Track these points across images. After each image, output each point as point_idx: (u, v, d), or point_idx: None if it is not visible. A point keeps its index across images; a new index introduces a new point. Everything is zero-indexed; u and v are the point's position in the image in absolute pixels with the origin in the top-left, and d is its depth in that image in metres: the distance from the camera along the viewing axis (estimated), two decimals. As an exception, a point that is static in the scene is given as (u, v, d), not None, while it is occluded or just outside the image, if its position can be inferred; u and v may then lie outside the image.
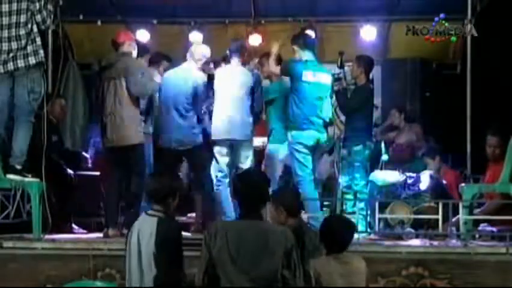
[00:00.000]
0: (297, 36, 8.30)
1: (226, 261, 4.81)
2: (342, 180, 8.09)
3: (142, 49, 8.29)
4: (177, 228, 5.32)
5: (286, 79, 8.15)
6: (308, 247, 5.34)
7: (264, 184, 5.08)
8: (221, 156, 7.84)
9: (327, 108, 8.07)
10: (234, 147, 7.85)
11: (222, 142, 7.83)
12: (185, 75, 7.86)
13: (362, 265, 5.18)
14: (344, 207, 8.03)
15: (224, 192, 7.79)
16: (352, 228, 5.35)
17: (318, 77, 7.92)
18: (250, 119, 7.90)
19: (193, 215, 8.13)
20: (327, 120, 8.05)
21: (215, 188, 7.83)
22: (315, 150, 7.97)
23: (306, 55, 7.97)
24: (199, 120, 7.86)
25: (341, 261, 5.10)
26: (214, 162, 7.91)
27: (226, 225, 5.06)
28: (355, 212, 7.74)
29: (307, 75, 7.86)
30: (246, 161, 7.85)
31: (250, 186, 4.99)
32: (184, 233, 5.61)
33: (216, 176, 7.87)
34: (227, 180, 7.80)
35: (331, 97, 8.14)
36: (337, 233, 5.17)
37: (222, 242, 4.82)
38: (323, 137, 7.96)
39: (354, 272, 5.10)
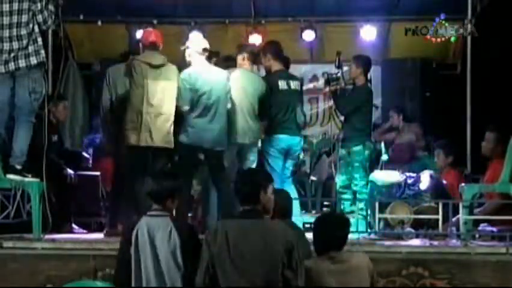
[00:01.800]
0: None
1: (226, 260, 4.80)
2: (339, 180, 8.10)
3: None
4: (193, 227, 5.32)
5: None
6: None
7: (264, 182, 5.08)
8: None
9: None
10: (241, 151, 7.83)
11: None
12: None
13: (363, 261, 5.15)
14: (342, 207, 8.03)
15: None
16: (345, 224, 5.28)
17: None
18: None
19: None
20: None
21: None
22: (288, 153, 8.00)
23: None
24: None
25: (335, 260, 5.08)
26: None
27: (227, 224, 5.04)
28: (353, 211, 7.75)
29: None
30: (252, 165, 7.83)
31: (251, 185, 4.99)
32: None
33: None
34: None
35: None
36: (329, 231, 5.15)
37: (222, 241, 4.82)
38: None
39: (351, 270, 5.07)
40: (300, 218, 7.72)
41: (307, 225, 7.57)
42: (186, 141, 7.36)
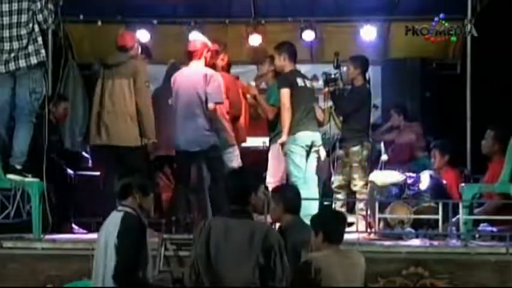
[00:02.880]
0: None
1: (205, 257, 4.82)
2: (335, 179, 8.10)
3: (145, 53, 8.31)
4: (137, 222, 5.32)
5: None
6: (288, 247, 5.31)
7: (254, 183, 5.09)
8: None
9: None
10: None
11: None
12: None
13: (361, 259, 5.18)
14: (333, 206, 8.03)
15: None
16: (342, 218, 5.33)
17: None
18: None
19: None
20: None
21: None
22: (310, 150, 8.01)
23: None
24: None
25: (341, 254, 5.10)
26: None
27: (213, 222, 5.06)
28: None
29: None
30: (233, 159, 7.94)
31: (240, 184, 5.00)
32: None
33: None
34: None
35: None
36: (329, 224, 5.16)
37: (204, 238, 4.84)
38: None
39: (354, 265, 5.10)
40: None
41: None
42: None
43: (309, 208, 6.97)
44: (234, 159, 7.98)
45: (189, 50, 7.85)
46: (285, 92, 7.79)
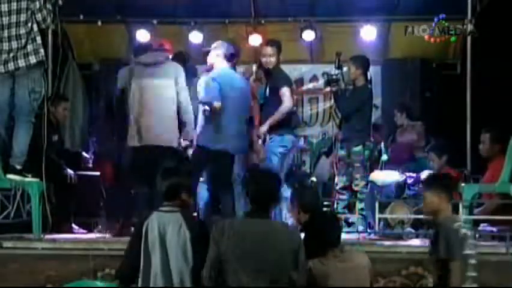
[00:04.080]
0: None
1: (235, 259, 4.82)
2: (339, 181, 8.10)
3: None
4: (204, 223, 5.37)
5: None
6: None
7: (275, 184, 5.10)
8: None
9: None
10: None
11: None
12: None
13: (364, 260, 5.17)
14: (335, 206, 8.03)
15: None
16: (336, 222, 5.32)
17: None
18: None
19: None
20: None
21: None
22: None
23: None
24: None
25: (339, 258, 5.09)
26: None
27: (235, 223, 5.07)
28: (345, 213, 7.79)
29: None
30: None
31: (261, 185, 5.01)
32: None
33: None
34: None
35: None
36: (321, 231, 5.15)
37: (230, 240, 4.84)
38: None
39: (354, 268, 5.09)
40: None
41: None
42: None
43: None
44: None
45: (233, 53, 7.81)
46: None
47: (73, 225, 8.06)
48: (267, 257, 4.81)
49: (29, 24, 6.87)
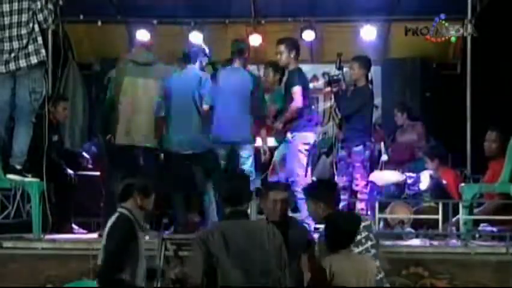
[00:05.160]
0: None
1: (225, 260, 4.82)
2: (339, 181, 8.09)
3: None
4: (127, 224, 5.37)
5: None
6: None
7: (245, 183, 5.12)
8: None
9: None
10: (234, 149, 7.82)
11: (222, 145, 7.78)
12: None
13: (373, 265, 5.14)
14: None
15: None
16: (357, 219, 5.20)
17: None
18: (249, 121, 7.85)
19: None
20: None
21: None
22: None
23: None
24: None
25: (353, 260, 5.07)
26: None
27: (220, 225, 5.11)
28: None
29: None
30: (247, 162, 7.80)
31: (234, 187, 5.03)
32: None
33: None
34: None
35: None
36: (341, 227, 5.12)
37: (220, 241, 4.84)
38: None
39: (366, 272, 5.05)
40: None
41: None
42: None
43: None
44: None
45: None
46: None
47: (73, 225, 8.06)
48: (254, 256, 4.82)
49: (31, 25, 6.88)
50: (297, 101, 7.82)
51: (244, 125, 7.70)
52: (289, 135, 7.94)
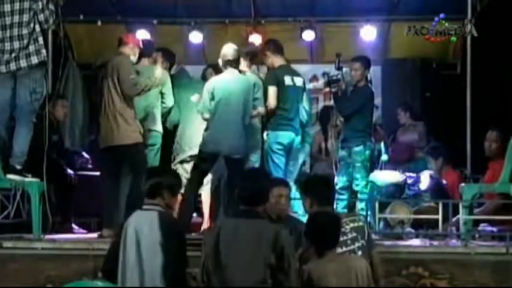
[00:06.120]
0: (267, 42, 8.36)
1: (215, 258, 4.83)
2: (339, 181, 8.09)
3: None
4: (178, 222, 5.38)
5: None
6: None
7: (264, 182, 5.11)
8: None
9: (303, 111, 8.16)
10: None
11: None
12: None
13: (359, 262, 5.16)
14: (335, 206, 8.02)
15: None
16: (337, 222, 5.23)
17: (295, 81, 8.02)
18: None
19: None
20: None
21: None
22: (290, 151, 7.98)
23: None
24: None
25: (336, 261, 5.07)
26: None
27: (222, 223, 5.10)
28: (345, 213, 7.79)
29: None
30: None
31: (250, 184, 5.01)
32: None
33: None
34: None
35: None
36: (323, 229, 5.12)
37: (214, 239, 4.85)
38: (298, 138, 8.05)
39: (349, 271, 5.06)
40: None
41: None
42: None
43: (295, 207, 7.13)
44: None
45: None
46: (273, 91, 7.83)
47: (73, 225, 8.06)
48: (248, 257, 4.82)
49: (32, 25, 6.88)
50: (269, 100, 7.83)
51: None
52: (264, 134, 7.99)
